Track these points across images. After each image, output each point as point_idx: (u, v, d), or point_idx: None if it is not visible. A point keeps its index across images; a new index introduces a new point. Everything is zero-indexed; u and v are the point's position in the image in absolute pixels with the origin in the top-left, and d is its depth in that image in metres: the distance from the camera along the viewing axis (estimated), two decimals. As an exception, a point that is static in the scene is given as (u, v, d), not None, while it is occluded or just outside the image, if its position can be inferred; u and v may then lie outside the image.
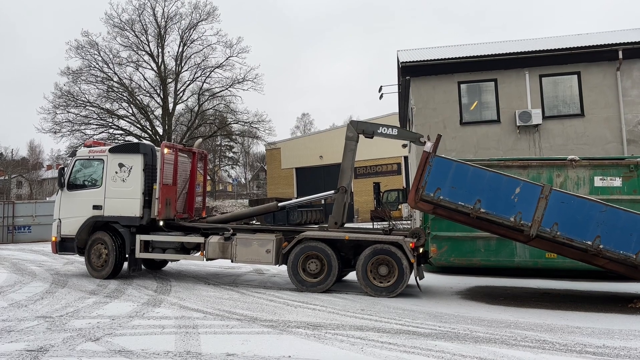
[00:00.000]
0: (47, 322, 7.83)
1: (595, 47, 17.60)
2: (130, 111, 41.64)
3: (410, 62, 18.84)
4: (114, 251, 11.98)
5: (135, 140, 30.70)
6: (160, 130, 41.74)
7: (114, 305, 9.14)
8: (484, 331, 7.56)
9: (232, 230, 11.77)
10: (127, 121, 41.46)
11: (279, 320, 8.01)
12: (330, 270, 10.71)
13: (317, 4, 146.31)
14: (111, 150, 12.56)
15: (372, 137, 11.59)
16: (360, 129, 11.56)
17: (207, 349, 6.35)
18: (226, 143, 67.80)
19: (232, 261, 11.45)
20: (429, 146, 9.84)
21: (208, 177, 69.00)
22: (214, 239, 11.66)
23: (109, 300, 9.62)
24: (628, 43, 17.39)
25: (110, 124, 40.77)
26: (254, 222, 25.09)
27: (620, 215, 8.85)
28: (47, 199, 49.42)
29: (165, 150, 12.41)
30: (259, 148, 73.07)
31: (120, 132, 40.73)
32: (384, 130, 11.40)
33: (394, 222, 21.43)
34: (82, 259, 13.29)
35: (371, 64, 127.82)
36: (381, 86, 23.43)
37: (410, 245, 10.26)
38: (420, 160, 9.75)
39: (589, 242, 8.84)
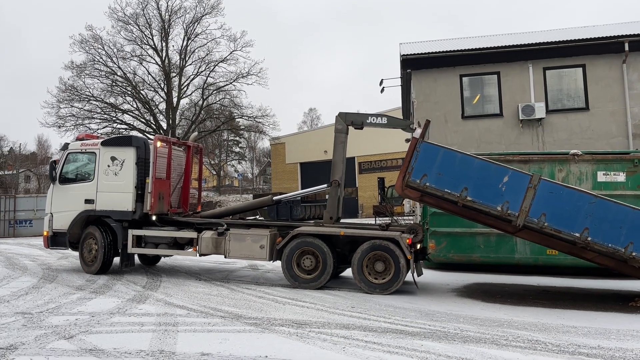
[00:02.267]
0: (25, 318, 7.63)
1: (601, 39, 17.22)
2: (134, 105, 41.60)
3: (411, 54, 18.53)
4: (103, 246, 11.74)
5: (139, 135, 30.56)
6: (164, 125, 41.62)
7: (97, 302, 8.94)
8: (475, 330, 7.28)
9: (225, 225, 11.53)
10: (131, 116, 41.42)
11: (264, 318, 7.77)
12: (325, 266, 10.43)
13: (305, 7, 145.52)
14: (103, 144, 12.31)
15: (361, 128, 11.29)
16: (349, 120, 11.27)
17: (182, 348, 6.11)
18: (232, 138, 67.65)
19: (225, 257, 11.21)
20: (418, 132, 9.56)
21: (213, 172, 69.17)
22: (207, 234, 11.40)
23: (93, 296, 9.42)
24: (635, 35, 16.99)
25: (114, 119, 40.69)
26: (257, 217, 24.89)
27: (610, 207, 8.55)
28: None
29: (159, 144, 12.11)
30: (265, 143, 72.91)
31: (124, 126, 40.63)
32: (373, 119, 11.11)
33: (396, 218, 21.15)
34: (76, 253, 13.11)
35: (367, 62, 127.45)
36: (382, 79, 23.06)
37: (407, 241, 9.98)
38: (409, 147, 9.46)
39: (577, 234, 8.55)
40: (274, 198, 12.78)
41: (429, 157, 9.25)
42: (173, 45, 43.21)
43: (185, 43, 42.02)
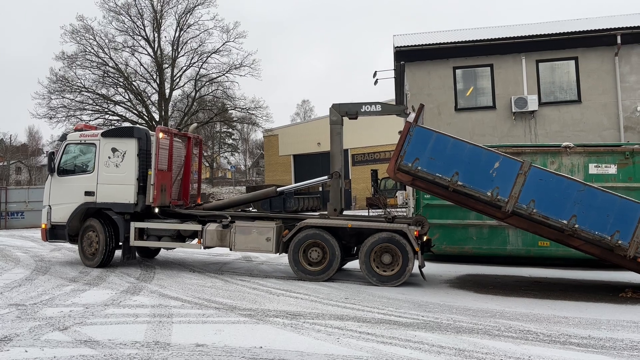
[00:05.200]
0: (19, 310, 7.62)
1: (593, 32, 17.30)
2: (126, 97, 41.30)
3: (404, 46, 18.52)
4: (105, 239, 11.59)
5: (141, 126, 30.41)
6: (156, 116, 41.42)
7: (91, 293, 8.93)
8: (468, 321, 7.35)
9: (230, 218, 11.45)
10: (123, 107, 41.13)
11: (258, 309, 7.80)
12: (332, 258, 10.40)
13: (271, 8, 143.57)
14: (104, 135, 12.11)
15: (356, 118, 11.30)
16: (344, 111, 11.26)
17: (176, 340, 6.13)
18: (225, 129, 67.46)
19: (230, 249, 11.11)
20: (411, 117, 9.60)
21: (206, 164, 68.98)
22: (211, 227, 11.27)
23: (87, 288, 9.41)
24: (627, 28, 17.08)
25: (106, 110, 40.42)
26: (251, 208, 24.89)
27: (598, 195, 8.65)
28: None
29: (161, 135, 11.90)
30: (258, 135, 72.79)
31: (116, 118, 40.38)
32: (367, 108, 11.12)
33: (389, 210, 21.21)
34: (70, 245, 13.02)
35: (343, 58, 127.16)
36: (376, 71, 23.07)
37: (415, 233, 10.03)
38: (402, 131, 9.47)
39: (565, 221, 8.63)
40: (278, 189, 12.69)
41: (422, 141, 9.27)
42: (165, 36, 43.15)
43: (177, 34, 41.84)
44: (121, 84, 40.72)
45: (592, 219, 8.58)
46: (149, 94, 42.42)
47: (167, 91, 42.00)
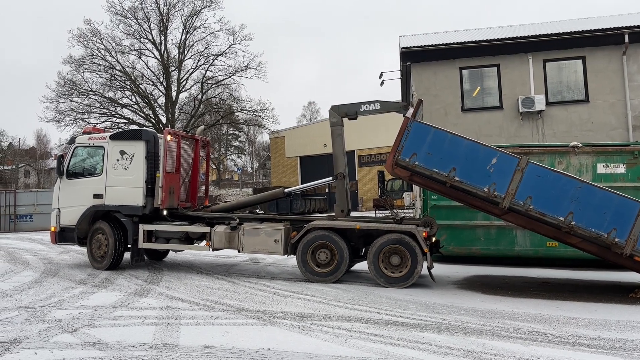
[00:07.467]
0: (28, 312, 7.66)
1: (601, 31, 17.22)
2: (134, 100, 41.46)
3: (411, 47, 18.52)
4: (114, 242, 11.61)
5: (149, 129, 30.51)
6: (163, 119, 41.57)
7: (99, 295, 8.96)
8: (476, 322, 7.32)
9: (238, 220, 11.45)
10: (130, 110, 41.30)
11: (266, 311, 7.80)
12: (341, 260, 10.40)
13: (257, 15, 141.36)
14: (112, 137, 12.15)
15: (355, 118, 11.25)
16: (343, 112, 11.22)
17: (185, 341, 6.14)
18: (232, 132, 67.57)
19: (239, 251, 11.13)
20: (410, 112, 9.59)
21: (213, 166, 69.14)
22: (220, 229, 11.29)
23: (96, 290, 9.45)
24: (635, 27, 16.99)
25: (113, 113, 40.63)
26: (258, 210, 24.90)
27: (596, 192, 8.64)
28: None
29: (169, 137, 11.92)
30: (264, 137, 72.85)
31: (124, 121, 40.58)
32: (366, 107, 11.07)
33: (396, 211, 21.16)
34: (78, 247, 13.08)
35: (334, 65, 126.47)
36: (382, 72, 23.04)
37: (424, 234, 10.01)
38: (401, 127, 9.45)
39: (561, 218, 8.61)
40: (285, 190, 12.70)
41: (420, 137, 9.25)
42: (172, 39, 43.16)
43: (183, 37, 41.98)
44: (128, 87, 40.92)
45: (589, 216, 8.57)
46: (156, 97, 42.63)
47: (174, 94, 42.16)
